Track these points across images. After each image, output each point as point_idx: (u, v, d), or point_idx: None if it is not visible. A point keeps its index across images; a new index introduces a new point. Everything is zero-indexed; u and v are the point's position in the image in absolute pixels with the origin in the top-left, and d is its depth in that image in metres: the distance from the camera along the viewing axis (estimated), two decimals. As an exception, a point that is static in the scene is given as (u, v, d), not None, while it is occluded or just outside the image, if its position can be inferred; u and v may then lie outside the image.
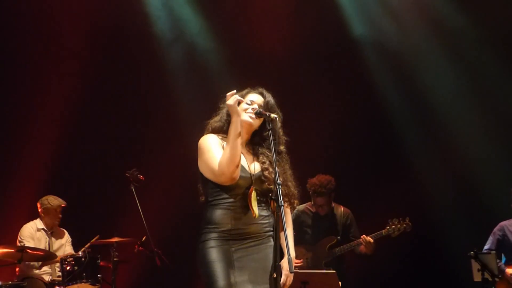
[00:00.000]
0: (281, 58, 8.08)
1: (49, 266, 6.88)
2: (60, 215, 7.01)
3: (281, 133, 4.00)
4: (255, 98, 3.97)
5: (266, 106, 3.95)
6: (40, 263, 6.78)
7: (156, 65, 8.22)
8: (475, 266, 6.02)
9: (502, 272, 6.46)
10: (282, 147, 4.02)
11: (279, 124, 3.90)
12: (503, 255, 6.60)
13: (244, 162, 3.88)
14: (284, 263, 3.80)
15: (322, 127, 7.95)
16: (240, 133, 3.76)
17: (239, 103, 3.87)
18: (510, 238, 6.64)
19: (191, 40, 8.32)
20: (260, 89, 4.05)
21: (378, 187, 7.79)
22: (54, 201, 6.96)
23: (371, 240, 6.34)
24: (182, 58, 8.30)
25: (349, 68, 8.18)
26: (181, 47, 8.31)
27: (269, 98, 4.01)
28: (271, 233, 3.83)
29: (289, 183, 3.97)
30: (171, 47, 8.28)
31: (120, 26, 8.05)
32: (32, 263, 6.74)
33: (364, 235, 6.37)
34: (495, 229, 6.73)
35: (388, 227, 6.37)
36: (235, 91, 3.81)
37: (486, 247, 6.73)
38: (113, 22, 8.03)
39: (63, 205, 6.99)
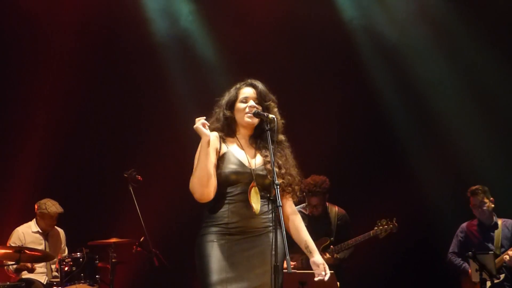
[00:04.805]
0: (279, 55, 8.07)
1: (45, 267, 6.87)
2: (55, 221, 7.00)
3: (279, 118, 3.95)
4: (248, 93, 3.94)
5: (260, 97, 3.92)
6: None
7: (154, 65, 8.21)
8: (473, 266, 6.03)
9: (465, 272, 6.54)
10: (281, 136, 4.00)
11: (276, 110, 3.92)
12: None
13: (244, 157, 3.88)
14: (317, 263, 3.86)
15: (318, 126, 7.93)
16: (207, 153, 3.73)
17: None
18: (472, 238, 6.71)
19: (188, 38, 8.31)
20: (249, 81, 4.00)
21: (376, 187, 7.79)
22: (51, 207, 6.91)
23: (328, 256, 6.29)
24: (181, 58, 8.29)
25: (346, 68, 8.18)
26: (178, 46, 8.31)
27: (260, 86, 3.97)
28: (270, 228, 3.80)
29: (293, 172, 3.94)
30: (169, 46, 8.28)
31: (116, 25, 8.06)
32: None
33: (327, 252, 6.34)
34: (457, 231, 6.85)
35: (376, 227, 6.36)
36: (204, 118, 3.80)
37: (450, 250, 6.82)
38: (110, 20, 8.04)
39: (59, 211, 6.95)
